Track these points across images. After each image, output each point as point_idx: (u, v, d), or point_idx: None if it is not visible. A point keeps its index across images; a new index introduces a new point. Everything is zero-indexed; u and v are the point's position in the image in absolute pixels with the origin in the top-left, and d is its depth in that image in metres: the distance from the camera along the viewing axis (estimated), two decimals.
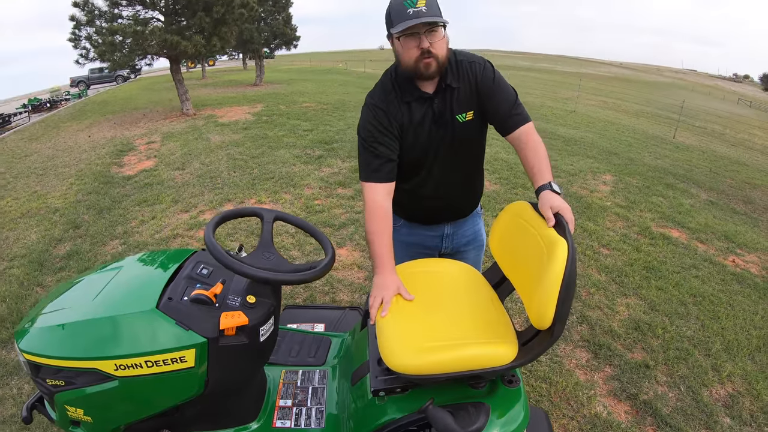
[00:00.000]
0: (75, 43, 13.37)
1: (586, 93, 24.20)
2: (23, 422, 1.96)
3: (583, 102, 20.31)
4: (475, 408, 1.54)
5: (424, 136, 1.87)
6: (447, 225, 2.20)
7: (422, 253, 2.27)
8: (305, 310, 2.89)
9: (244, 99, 18.15)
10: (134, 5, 13.68)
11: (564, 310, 1.38)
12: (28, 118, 19.58)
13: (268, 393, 2.02)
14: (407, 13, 1.63)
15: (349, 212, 5.62)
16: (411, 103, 1.85)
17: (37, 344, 1.64)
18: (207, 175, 7.44)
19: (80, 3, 12.88)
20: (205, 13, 13.33)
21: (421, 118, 1.86)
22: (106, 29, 12.83)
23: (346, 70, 40.78)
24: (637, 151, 10.11)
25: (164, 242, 5.02)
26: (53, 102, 24.76)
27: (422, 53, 1.70)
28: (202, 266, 1.80)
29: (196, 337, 1.55)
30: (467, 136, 1.91)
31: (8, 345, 3.44)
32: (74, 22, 13.06)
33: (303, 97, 17.69)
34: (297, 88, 22.26)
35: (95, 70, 38.21)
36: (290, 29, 25.67)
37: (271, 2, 24.35)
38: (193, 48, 13.38)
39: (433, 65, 1.73)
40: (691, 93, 39.84)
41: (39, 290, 4.23)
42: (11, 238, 5.55)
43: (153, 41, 12.94)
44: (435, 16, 1.64)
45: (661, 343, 3.33)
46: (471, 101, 1.86)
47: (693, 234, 5.36)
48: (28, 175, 8.76)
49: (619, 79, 52.17)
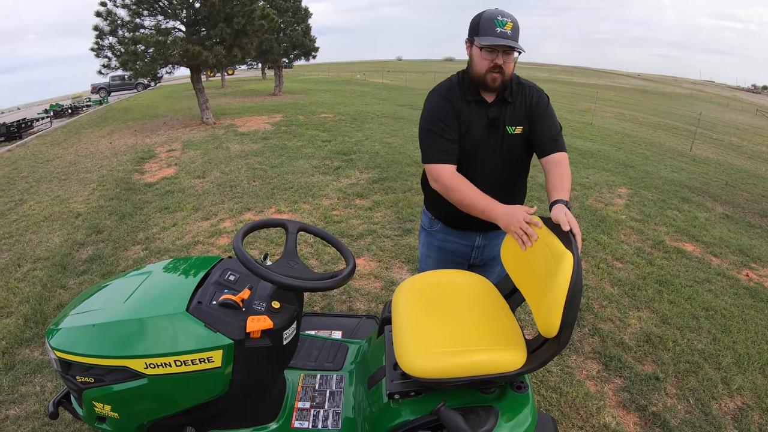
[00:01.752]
0: (98, 53, 13.55)
1: (603, 105, 24.13)
2: (50, 417, 2.05)
3: (601, 114, 20.25)
4: (485, 411, 1.61)
5: (476, 135, 2.05)
6: (479, 235, 2.30)
7: (453, 261, 2.38)
8: (323, 318, 2.97)
9: (263, 109, 18.35)
10: (156, 15, 13.91)
11: (570, 319, 1.46)
12: (50, 124, 19.82)
13: (288, 395, 2.09)
14: (495, 32, 1.85)
15: (367, 223, 5.70)
16: (471, 102, 2.04)
17: (69, 342, 1.73)
18: (227, 184, 7.55)
19: (103, 13, 13.09)
20: (226, 24, 13.50)
21: (476, 119, 2.05)
22: (128, 39, 13.02)
23: (363, 80, 40.90)
24: (653, 163, 10.09)
25: (185, 249, 5.12)
26: (75, 108, 24.99)
27: (493, 67, 1.90)
28: (229, 273, 1.89)
29: (224, 339, 1.64)
30: (514, 148, 2.09)
31: (32, 344, 3.54)
32: (97, 32, 13.25)
33: (321, 108, 17.84)
34: (315, 98, 22.44)
35: (116, 77, 38.64)
36: (309, 40, 25.81)
37: (290, 13, 24.52)
38: (213, 58, 13.55)
39: (499, 80, 1.95)
40: (708, 104, 39.49)
41: (62, 292, 4.32)
42: (34, 240, 5.67)
43: (175, 51, 13.13)
44: (516, 42, 1.88)
45: (672, 356, 3.36)
46: (522, 118, 2.06)
47: (707, 248, 5.37)
48: (51, 179, 8.90)
49: (636, 91, 51.83)
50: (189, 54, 13.08)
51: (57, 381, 3.11)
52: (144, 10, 13.64)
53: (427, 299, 1.91)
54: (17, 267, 4.95)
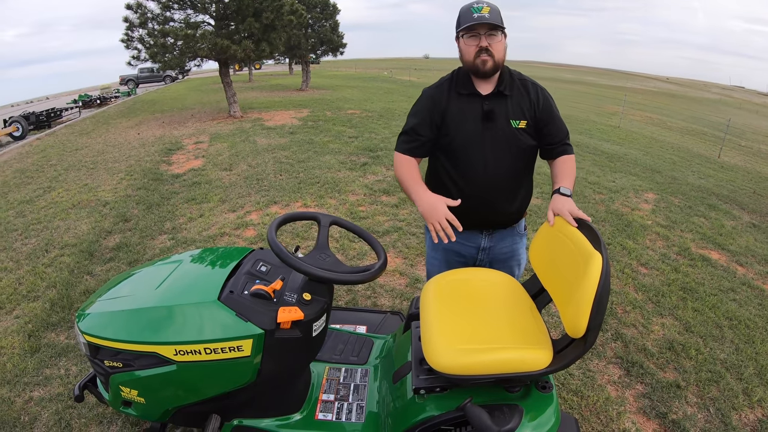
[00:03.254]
0: (127, 44, 13.70)
1: (630, 108, 23.82)
2: (75, 400, 2.10)
3: (628, 117, 20.00)
4: (509, 409, 1.63)
5: (470, 127, 2.06)
6: (485, 237, 2.28)
7: (459, 262, 2.37)
8: (348, 312, 3.00)
9: (290, 103, 18.44)
10: (186, 9, 14.06)
11: (597, 320, 1.47)
12: (79, 114, 20.12)
13: (312, 387, 2.13)
14: (472, 17, 1.93)
15: (393, 220, 5.73)
16: (464, 95, 2.08)
17: (99, 327, 1.77)
18: (254, 177, 7.63)
19: (133, 6, 13.25)
20: (255, 18, 13.59)
21: (469, 112, 2.08)
22: (158, 31, 13.19)
23: (390, 77, 40.85)
24: (680, 169, 9.97)
25: (211, 240, 5.19)
26: (103, 99, 25.33)
27: (480, 50, 1.95)
28: (261, 264, 1.93)
29: (254, 328, 1.67)
30: (518, 142, 2.08)
31: (58, 328, 3.62)
32: (127, 23, 13.41)
33: (348, 104, 17.87)
34: (342, 94, 22.49)
35: (144, 69, 39.13)
36: (337, 36, 25.81)
37: (318, 9, 24.54)
38: (242, 52, 13.65)
39: (489, 63, 1.98)
40: (738, 110, 38.72)
41: (88, 278, 4.41)
42: (62, 227, 5.79)
43: (203, 44, 13.27)
44: (496, 22, 1.93)
45: (694, 364, 3.34)
46: (525, 114, 2.07)
47: (733, 256, 5.31)
48: (79, 168, 9.07)
49: (664, 94, 51.04)
50: (218, 48, 13.21)
51: (81, 365, 3.18)
52: (174, 4, 13.79)
53: (456, 296, 1.93)
54: (45, 252, 5.07)
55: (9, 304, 4.01)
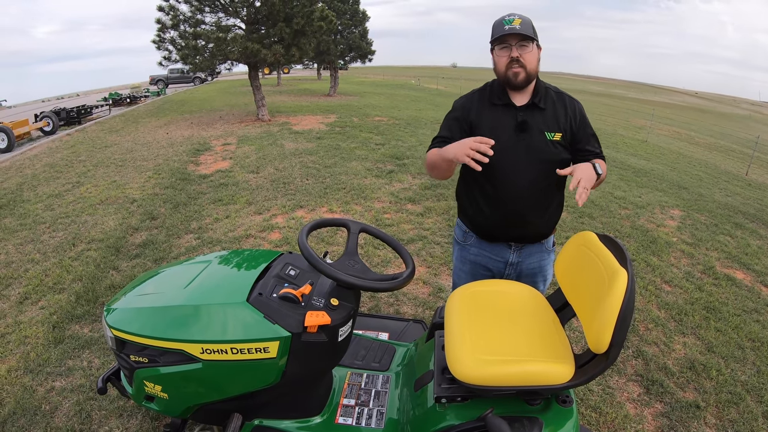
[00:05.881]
0: (159, 45, 13.94)
1: (658, 122, 23.57)
2: (98, 393, 2.16)
3: (656, 132, 19.79)
4: (529, 422, 1.64)
5: (503, 137, 2.05)
6: (513, 252, 2.27)
7: (485, 276, 2.38)
8: (371, 319, 3.02)
9: (317, 108, 18.60)
10: (217, 12, 14.26)
11: (620, 337, 1.48)
12: (109, 111, 20.44)
13: (334, 391, 2.16)
14: (503, 29, 1.97)
15: (418, 228, 5.75)
16: (498, 106, 2.12)
17: (126, 322, 1.82)
18: (280, 180, 7.73)
19: (165, 8, 13.50)
20: (286, 23, 13.73)
21: (503, 122, 2.10)
22: (189, 34, 13.42)
23: (418, 86, 40.88)
24: (707, 186, 9.84)
25: (237, 241, 5.27)
26: (133, 98, 25.71)
27: (511, 61, 1.98)
28: (290, 267, 1.97)
29: (281, 331, 1.71)
30: (551, 154, 2.09)
31: (82, 321, 3.71)
32: (159, 24, 13.64)
33: (375, 111, 17.97)
34: (369, 101, 22.62)
35: (175, 70, 39.66)
36: (366, 43, 25.95)
37: (348, 15, 24.73)
38: (272, 56, 13.81)
39: (521, 74, 2.01)
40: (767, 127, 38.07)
41: (114, 274, 4.50)
42: (90, 222, 5.93)
43: (234, 48, 13.45)
44: (526, 32, 1.95)
45: (714, 385, 3.31)
46: (560, 126, 2.09)
47: (758, 277, 5.23)
48: (108, 165, 9.24)
49: (693, 109, 50.36)
50: (248, 51, 13.38)
51: (104, 358, 3.26)
52: (206, 7, 13.99)
53: (481, 307, 1.95)
54: (72, 246, 5.19)
55: (35, 294, 4.12)
